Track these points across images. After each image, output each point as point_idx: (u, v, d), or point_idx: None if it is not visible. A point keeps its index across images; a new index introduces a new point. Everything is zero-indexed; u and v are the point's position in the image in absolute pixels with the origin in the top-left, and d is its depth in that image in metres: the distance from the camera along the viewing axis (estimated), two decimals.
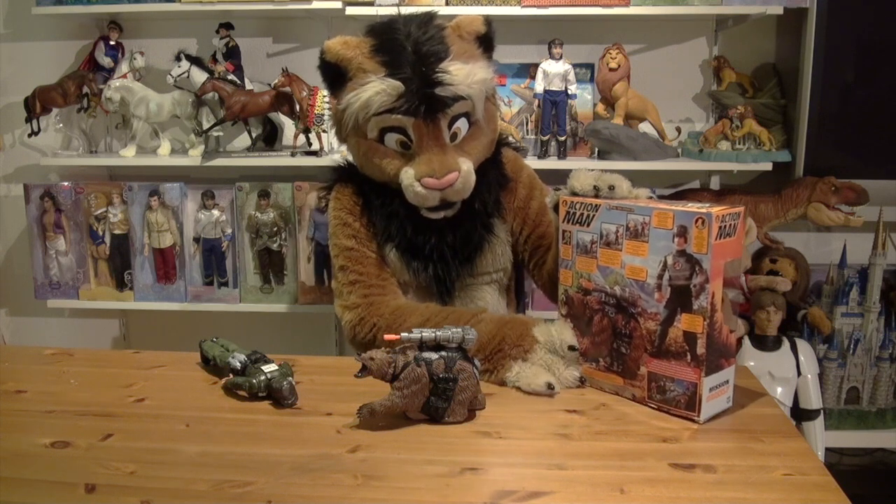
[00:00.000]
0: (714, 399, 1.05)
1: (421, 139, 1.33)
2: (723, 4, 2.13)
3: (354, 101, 1.32)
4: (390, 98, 1.29)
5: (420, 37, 1.31)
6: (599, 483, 0.88)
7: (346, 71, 1.35)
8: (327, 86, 1.42)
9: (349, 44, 1.35)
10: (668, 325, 1.05)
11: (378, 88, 1.29)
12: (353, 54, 1.34)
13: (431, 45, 1.31)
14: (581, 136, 2.30)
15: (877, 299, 2.19)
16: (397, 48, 1.30)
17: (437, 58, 1.30)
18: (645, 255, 1.06)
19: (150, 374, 1.23)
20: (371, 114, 1.31)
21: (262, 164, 2.27)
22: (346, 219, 1.43)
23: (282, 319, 2.49)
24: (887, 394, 2.25)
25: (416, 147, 1.34)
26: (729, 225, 1.03)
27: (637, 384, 1.10)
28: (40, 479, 0.89)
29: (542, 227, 1.47)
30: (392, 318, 1.31)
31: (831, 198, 2.17)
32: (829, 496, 0.85)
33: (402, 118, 1.31)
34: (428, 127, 1.32)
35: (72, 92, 2.29)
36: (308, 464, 0.92)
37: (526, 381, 1.15)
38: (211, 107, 2.31)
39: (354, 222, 1.43)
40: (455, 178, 1.31)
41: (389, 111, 1.30)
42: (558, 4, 2.12)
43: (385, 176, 1.38)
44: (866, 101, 2.23)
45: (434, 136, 1.33)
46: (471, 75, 1.32)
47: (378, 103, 1.30)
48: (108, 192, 2.33)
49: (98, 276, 2.38)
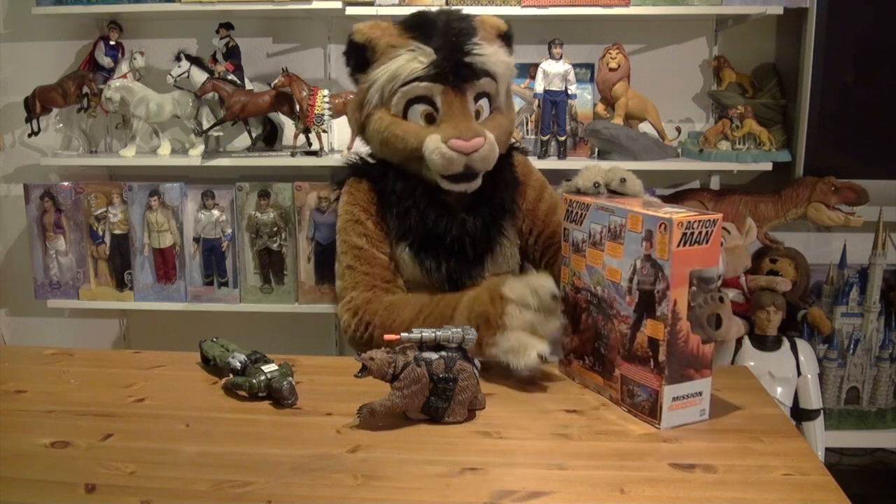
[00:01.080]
0: (680, 409, 1.02)
1: (449, 108, 1.34)
2: (723, 4, 2.13)
3: (382, 73, 1.35)
4: (421, 65, 1.32)
5: (451, 16, 1.37)
6: (599, 483, 0.88)
7: (375, 51, 1.37)
8: (352, 68, 1.43)
9: (379, 26, 1.39)
10: (636, 329, 1.04)
11: (409, 56, 1.33)
12: (381, 34, 1.37)
13: (462, 24, 1.36)
14: (581, 136, 2.30)
15: (877, 299, 2.19)
16: (428, 24, 1.35)
17: (468, 33, 1.35)
18: (620, 258, 1.06)
19: (150, 374, 1.23)
20: (400, 83, 1.33)
21: (262, 164, 2.27)
22: (359, 216, 1.43)
23: (282, 319, 2.49)
24: (887, 394, 2.25)
25: (444, 115, 1.35)
26: (699, 232, 0.99)
27: (613, 386, 1.10)
28: (40, 479, 0.89)
29: (551, 226, 1.48)
30: (386, 314, 1.31)
31: (831, 198, 2.16)
32: (829, 496, 0.85)
33: (431, 85, 1.33)
34: (456, 96, 1.34)
35: (72, 92, 2.29)
36: (308, 464, 0.92)
37: (514, 359, 1.12)
38: (211, 107, 2.31)
39: (367, 220, 1.42)
40: (481, 143, 1.32)
41: (418, 79, 1.32)
42: (558, 4, 2.12)
43: (406, 150, 1.37)
44: (866, 101, 2.23)
45: (462, 106, 1.35)
46: (498, 55, 1.38)
47: (409, 70, 1.32)
48: (108, 192, 2.33)
49: (98, 276, 2.38)
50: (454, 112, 1.34)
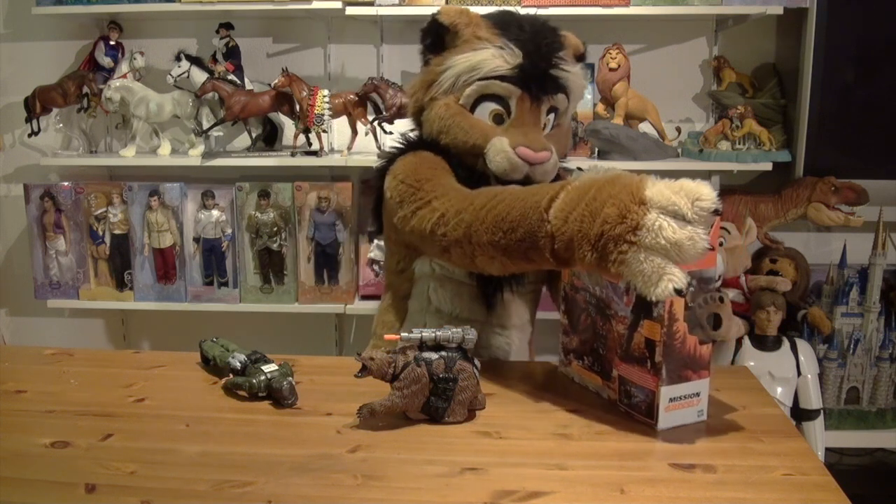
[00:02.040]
0: (678, 410, 1.02)
1: (522, 115, 1.31)
2: (723, 4, 2.13)
3: (463, 61, 1.30)
4: (506, 64, 1.28)
5: (539, 27, 1.34)
6: (599, 483, 0.88)
7: (457, 37, 1.33)
8: (427, 47, 1.37)
9: (467, 13, 1.35)
10: (633, 329, 1.03)
11: (496, 53, 1.29)
12: (468, 21, 1.33)
13: (551, 36, 1.33)
14: (581, 136, 2.30)
15: (877, 299, 2.19)
16: (518, 28, 1.32)
17: (557, 46, 1.33)
18: None
19: (150, 374, 1.23)
20: (479, 76, 1.29)
21: (262, 164, 2.27)
22: (431, 161, 1.30)
23: (282, 319, 2.49)
24: (887, 394, 2.25)
25: (515, 119, 1.31)
26: None
27: (612, 386, 1.10)
28: (40, 479, 0.89)
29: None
30: (465, 203, 1.15)
31: (831, 198, 2.17)
32: (829, 496, 0.85)
33: (510, 87, 1.29)
34: (532, 104, 1.31)
35: (72, 92, 2.29)
36: (308, 464, 0.92)
37: (644, 286, 0.89)
38: (211, 107, 2.31)
39: (440, 163, 1.31)
40: (548, 157, 1.28)
41: (500, 77, 1.29)
42: (558, 4, 2.12)
43: (468, 143, 1.31)
44: (866, 101, 2.23)
45: (534, 115, 1.32)
46: (578, 76, 1.37)
47: (492, 66, 1.29)
48: (108, 192, 2.33)
49: (98, 276, 2.38)
50: (526, 120, 1.31)
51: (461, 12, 1.34)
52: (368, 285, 2.33)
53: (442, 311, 1.35)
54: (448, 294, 1.34)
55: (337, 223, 2.27)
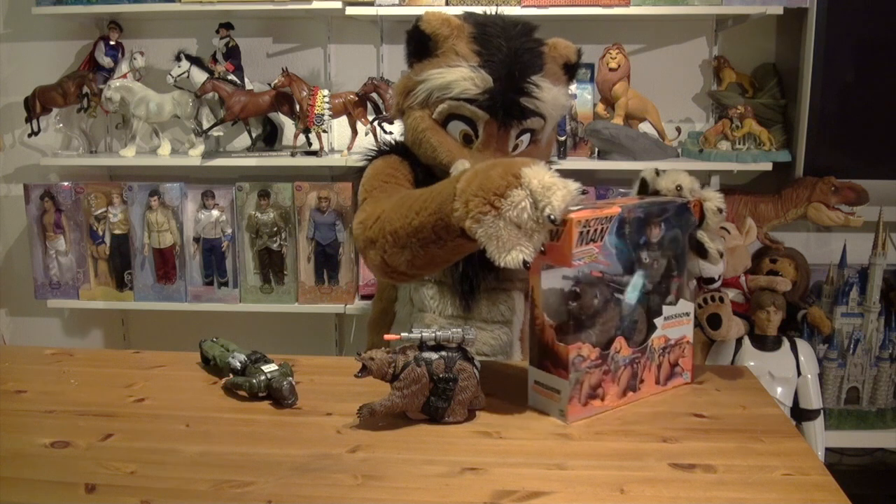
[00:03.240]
0: (542, 396, 1.07)
1: (488, 139, 1.31)
2: (723, 4, 2.13)
3: (437, 77, 1.30)
4: (476, 88, 1.27)
5: (520, 44, 1.30)
6: (599, 483, 0.88)
7: (437, 47, 1.32)
8: (409, 52, 1.38)
9: (449, 22, 1.33)
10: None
11: (467, 74, 1.27)
12: (449, 33, 1.32)
13: (529, 56, 1.30)
14: (581, 136, 2.30)
15: (877, 299, 2.19)
16: (496, 45, 1.29)
17: (532, 69, 1.30)
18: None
19: (150, 374, 1.23)
20: (450, 96, 1.29)
21: (262, 164, 2.28)
22: (389, 172, 1.34)
23: (282, 319, 2.49)
24: (887, 394, 2.25)
25: (481, 143, 1.32)
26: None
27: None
28: (40, 479, 0.89)
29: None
30: (390, 204, 1.18)
31: (831, 198, 2.16)
32: (829, 496, 0.85)
33: (478, 111, 1.29)
34: (498, 130, 1.31)
35: (72, 92, 2.29)
36: (308, 464, 0.92)
37: (496, 251, 0.94)
38: (211, 107, 2.31)
39: (397, 173, 1.35)
40: None
41: (469, 100, 1.29)
42: (558, 4, 2.12)
43: (436, 159, 1.34)
44: (866, 101, 2.23)
45: (501, 140, 1.32)
46: (556, 98, 1.33)
47: (461, 88, 1.28)
48: (108, 192, 2.33)
49: (98, 276, 2.38)
50: (491, 145, 1.31)
51: (443, 21, 1.33)
52: (368, 285, 2.33)
53: (425, 312, 1.37)
54: (428, 293, 1.38)
55: (337, 223, 2.27)
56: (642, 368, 1.11)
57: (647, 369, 1.12)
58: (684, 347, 1.16)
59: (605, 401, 1.07)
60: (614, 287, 1.08)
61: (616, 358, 1.07)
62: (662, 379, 1.14)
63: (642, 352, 1.10)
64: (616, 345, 1.07)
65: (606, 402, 1.07)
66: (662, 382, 1.14)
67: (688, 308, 1.15)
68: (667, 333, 1.13)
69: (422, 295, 1.39)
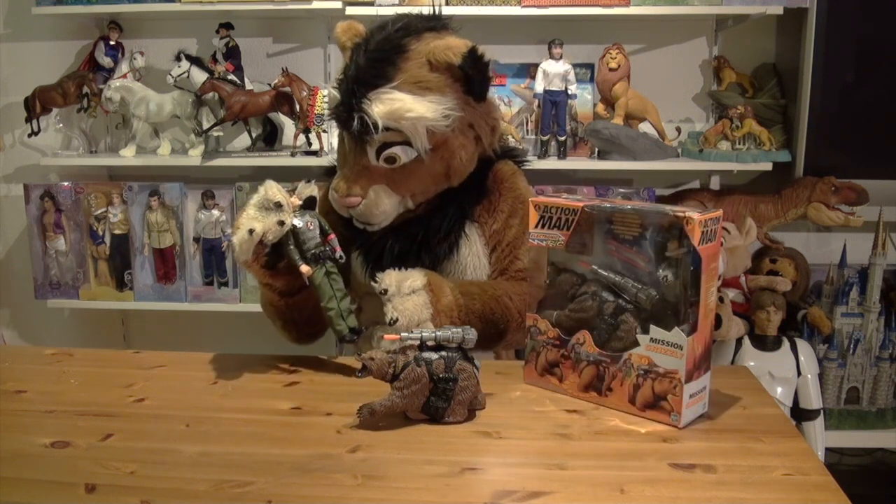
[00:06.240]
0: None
1: (346, 154, 1.32)
2: (723, 4, 2.13)
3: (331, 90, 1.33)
4: (332, 104, 1.30)
5: (375, 52, 1.24)
6: (599, 483, 0.88)
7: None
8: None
9: (348, 30, 1.33)
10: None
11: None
12: (346, 41, 1.32)
13: (377, 66, 1.23)
14: (581, 136, 2.30)
15: (877, 299, 2.19)
16: (355, 57, 1.27)
17: (373, 82, 1.22)
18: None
19: (150, 374, 1.23)
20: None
21: (262, 164, 2.27)
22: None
23: None
24: (887, 394, 2.25)
25: (345, 158, 1.33)
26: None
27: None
28: (40, 479, 0.89)
29: (508, 263, 1.35)
30: None
31: (831, 198, 2.17)
32: (829, 496, 0.85)
33: (337, 126, 1.31)
34: (356, 144, 1.29)
35: (72, 92, 2.29)
36: (308, 464, 0.92)
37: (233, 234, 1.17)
38: (211, 107, 2.31)
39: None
40: (355, 203, 1.28)
41: (331, 115, 1.30)
42: (558, 4, 2.12)
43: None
44: (866, 101, 2.23)
45: (359, 153, 1.29)
46: (404, 110, 1.20)
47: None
48: (108, 192, 2.33)
49: (98, 276, 2.38)
50: (348, 160, 1.31)
51: (345, 30, 1.32)
52: None
53: (359, 291, 1.40)
54: (352, 274, 1.40)
55: None
56: (611, 377, 1.06)
57: (619, 381, 1.05)
58: (676, 385, 1.00)
59: (563, 383, 1.11)
60: (608, 284, 1.05)
61: (578, 349, 1.09)
62: (639, 403, 1.04)
63: (613, 359, 1.05)
64: (579, 336, 1.08)
65: (565, 386, 1.11)
66: (639, 406, 1.04)
67: (681, 341, 0.99)
68: (651, 356, 1.02)
69: (349, 277, 1.38)
